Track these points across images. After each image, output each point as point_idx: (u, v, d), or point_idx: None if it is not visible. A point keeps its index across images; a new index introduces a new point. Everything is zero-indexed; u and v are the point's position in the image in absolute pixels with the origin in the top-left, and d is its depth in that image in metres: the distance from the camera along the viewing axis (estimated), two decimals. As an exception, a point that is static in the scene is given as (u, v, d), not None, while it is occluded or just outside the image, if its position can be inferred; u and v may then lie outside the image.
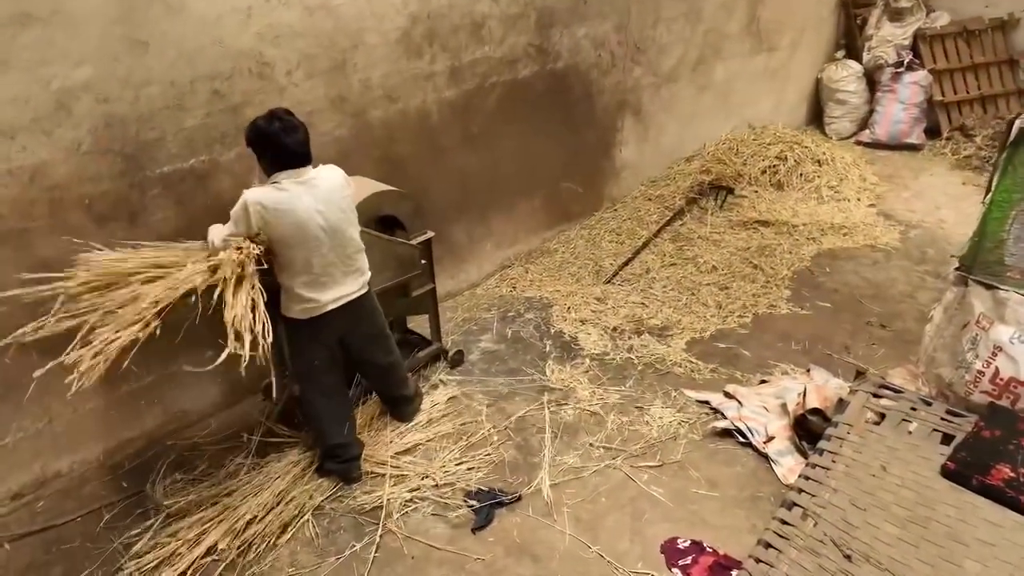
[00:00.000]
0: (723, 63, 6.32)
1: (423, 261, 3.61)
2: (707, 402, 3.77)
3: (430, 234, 3.74)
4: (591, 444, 3.55)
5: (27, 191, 2.92)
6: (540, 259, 5.33)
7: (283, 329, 3.14)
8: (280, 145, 2.77)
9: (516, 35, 4.50)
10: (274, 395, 3.76)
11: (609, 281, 5.00)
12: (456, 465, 3.46)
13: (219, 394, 3.87)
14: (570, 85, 5.03)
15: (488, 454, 3.52)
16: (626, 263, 5.17)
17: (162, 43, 3.08)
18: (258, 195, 2.76)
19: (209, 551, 2.98)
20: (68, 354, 2.69)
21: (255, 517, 3.10)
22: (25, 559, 3.08)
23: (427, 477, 3.37)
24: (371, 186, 3.52)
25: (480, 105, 4.49)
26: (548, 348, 4.33)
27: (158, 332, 2.77)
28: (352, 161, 3.93)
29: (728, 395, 3.78)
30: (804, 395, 3.32)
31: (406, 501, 3.26)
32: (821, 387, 3.37)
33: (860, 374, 3.27)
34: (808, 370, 3.94)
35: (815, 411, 3.25)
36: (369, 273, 3.14)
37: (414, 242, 3.60)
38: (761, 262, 5.12)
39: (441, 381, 4.03)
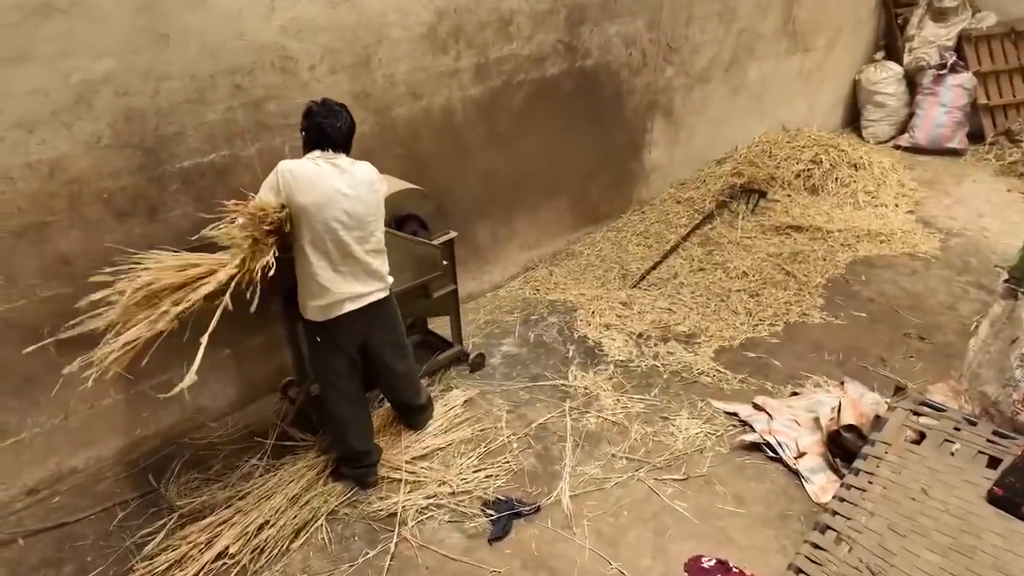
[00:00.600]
0: (757, 63, 6.15)
1: (444, 262, 3.51)
2: (735, 414, 3.63)
3: (452, 234, 3.65)
4: (613, 455, 3.43)
5: (46, 185, 2.89)
6: (565, 261, 5.22)
7: (302, 332, 3.07)
8: (317, 124, 2.80)
9: (545, 32, 4.39)
10: (291, 395, 3.73)
11: (635, 285, 4.87)
12: (474, 472, 3.37)
13: (236, 392, 3.82)
14: (600, 84, 4.91)
15: (507, 462, 3.43)
16: (653, 267, 5.04)
17: (183, 36, 3.03)
18: (289, 164, 2.76)
19: (220, 555, 2.93)
20: (97, 349, 2.66)
21: (267, 522, 3.04)
22: (37, 556, 3.05)
23: (444, 484, 3.29)
24: (393, 184, 3.44)
25: (506, 103, 4.39)
26: (571, 353, 4.22)
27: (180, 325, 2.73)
28: (374, 159, 3.82)
29: (757, 407, 3.64)
30: (839, 410, 3.17)
31: (422, 508, 3.17)
32: (856, 402, 3.22)
33: (899, 389, 3.11)
34: (842, 383, 3.78)
35: (850, 427, 3.10)
36: (391, 278, 3.05)
37: (436, 243, 3.52)
38: (793, 269, 4.95)
39: (455, 386, 3.94)
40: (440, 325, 4.21)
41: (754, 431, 3.46)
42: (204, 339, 2.62)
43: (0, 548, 3.08)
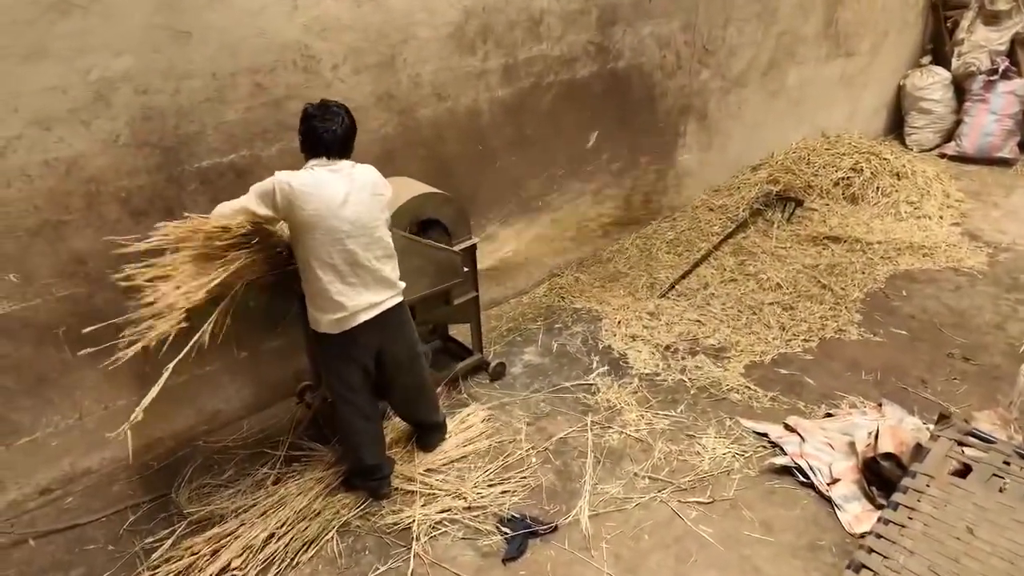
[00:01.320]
0: (797, 67, 5.94)
1: (466, 268, 3.41)
2: (765, 434, 3.47)
3: (475, 240, 3.55)
4: (636, 473, 3.30)
5: (63, 183, 2.85)
6: (592, 268, 5.08)
7: (315, 345, 2.98)
8: (311, 129, 2.69)
9: (576, 32, 4.26)
10: (308, 400, 3.66)
11: (664, 295, 4.72)
12: (490, 487, 3.26)
13: (252, 395, 3.77)
14: (631, 87, 4.77)
15: (525, 477, 3.31)
16: (682, 276, 4.88)
17: (204, 34, 2.97)
18: (287, 175, 2.65)
19: (223, 570, 2.86)
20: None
21: (273, 535, 2.96)
22: (47, 558, 3.02)
23: (459, 497, 3.18)
24: (414, 188, 3.35)
25: (534, 105, 4.28)
26: (595, 365, 4.08)
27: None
28: (398, 161, 3.79)
29: (789, 428, 3.47)
30: (876, 436, 2.99)
31: (435, 523, 3.07)
32: (896, 428, 3.03)
33: (944, 417, 2.92)
34: (880, 404, 3.59)
35: (888, 456, 2.92)
36: (402, 284, 2.95)
37: (456, 248, 3.42)
38: (830, 281, 4.75)
39: (475, 395, 3.84)
40: (461, 332, 4.11)
41: (784, 454, 3.29)
42: (168, 369, 2.69)
43: (11, 548, 3.06)
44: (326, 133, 2.66)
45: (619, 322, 4.46)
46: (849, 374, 3.92)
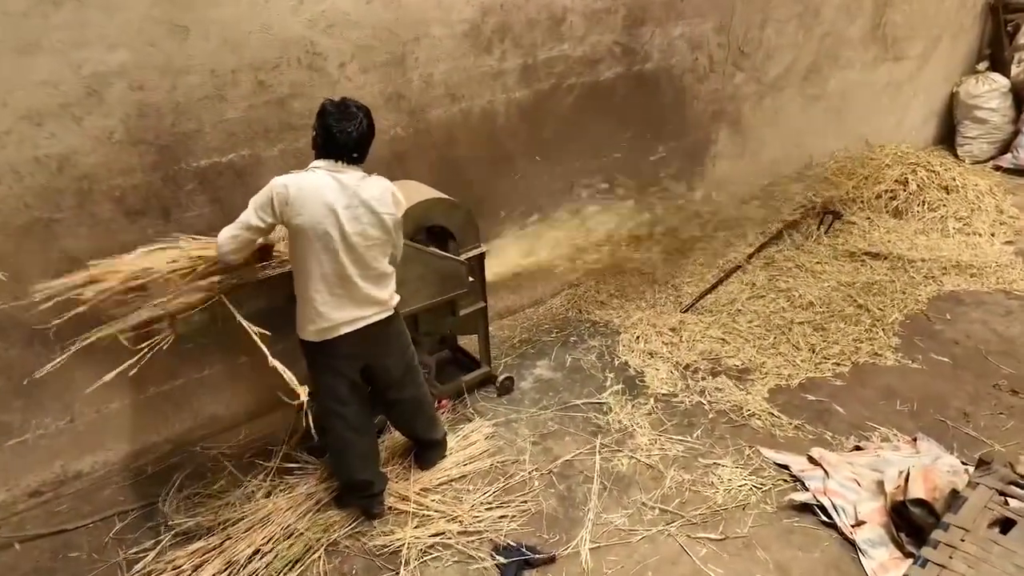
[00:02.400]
0: (840, 72, 5.63)
1: (471, 279, 3.24)
2: (787, 467, 3.23)
3: (483, 249, 3.38)
4: (644, 503, 3.09)
5: (54, 180, 2.77)
6: (613, 279, 4.87)
7: (302, 352, 2.85)
8: (326, 127, 2.54)
9: (600, 32, 4.06)
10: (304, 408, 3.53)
11: (687, 310, 4.49)
12: (488, 510, 3.09)
13: (253, 401, 3.66)
14: (659, 90, 4.54)
15: (525, 501, 3.13)
16: (708, 291, 4.64)
17: (204, 29, 2.86)
18: (284, 178, 2.53)
19: (205, 584, 2.75)
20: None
21: (258, 551, 2.84)
22: (31, 563, 2.95)
23: (454, 520, 3.02)
24: (420, 192, 3.21)
25: (554, 108, 4.08)
26: (609, 382, 3.88)
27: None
28: (407, 163, 3.64)
29: (813, 461, 3.22)
30: (907, 479, 2.73)
31: (427, 547, 2.92)
32: (929, 470, 2.76)
33: (984, 463, 2.65)
34: (915, 439, 3.32)
35: (919, 501, 2.66)
36: (395, 299, 2.80)
37: (464, 257, 3.25)
38: (868, 301, 4.46)
39: (480, 410, 3.67)
40: (471, 342, 3.94)
41: (806, 490, 3.05)
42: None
43: (-3, 551, 3.00)
44: (340, 134, 2.51)
45: (638, 337, 4.24)
46: (883, 403, 3.65)
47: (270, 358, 2.66)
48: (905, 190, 5.65)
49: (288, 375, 2.64)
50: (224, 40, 2.92)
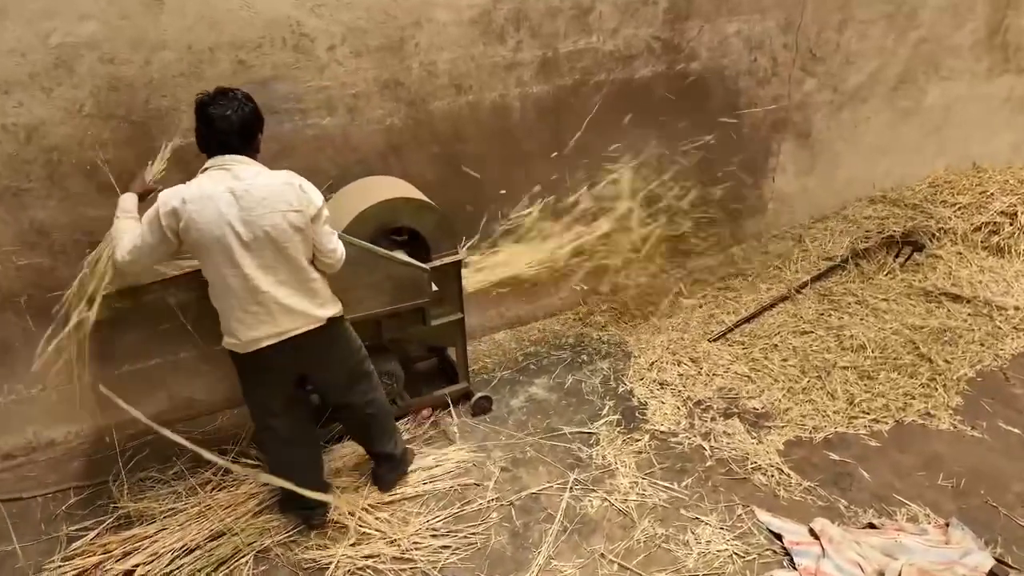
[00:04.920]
0: (941, 83, 4.91)
1: (436, 287, 2.97)
2: (780, 536, 2.76)
3: (461, 256, 3.12)
4: (603, 554, 2.73)
5: (23, 150, 2.76)
6: (642, 296, 4.45)
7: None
8: (205, 116, 2.29)
9: (636, 26, 3.68)
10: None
11: (716, 339, 4.02)
12: (433, 536, 2.83)
13: (231, 388, 3.56)
14: (708, 93, 4.09)
15: (475, 533, 2.85)
16: (746, 320, 4.14)
17: (180, 2, 2.77)
18: (172, 192, 2.26)
19: (128, 573, 2.66)
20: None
21: (185, 546, 2.73)
22: (-18, 525, 2.99)
23: (393, 544, 2.79)
24: (390, 190, 2.99)
25: (579, 106, 3.75)
26: (606, 411, 3.52)
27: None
28: (405, 156, 3.44)
29: (814, 534, 2.74)
30: (906, 577, 2.23)
31: (357, 568, 2.70)
32: (926, 573, 2.24)
33: (1003, 564, 2.11)
34: (947, 524, 2.75)
35: (916, 608, 2.16)
36: (327, 310, 2.51)
37: (428, 264, 2.99)
38: (933, 350, 3.82)
39: (456, 427, 3.42)
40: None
41: (794, 567, 2.59)
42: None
43: (-46, 510, 3.06)
44: (220, 120, 2.26)
45: (653, 364, 3.84)
46: (922, 474, 3.08)
47: (101, 386, 2.51)
48: (1012, 224, 4.85)
49: (121, 403, 2.35)
50: (201, 16, 2.82)
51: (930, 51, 4.72)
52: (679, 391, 3.62)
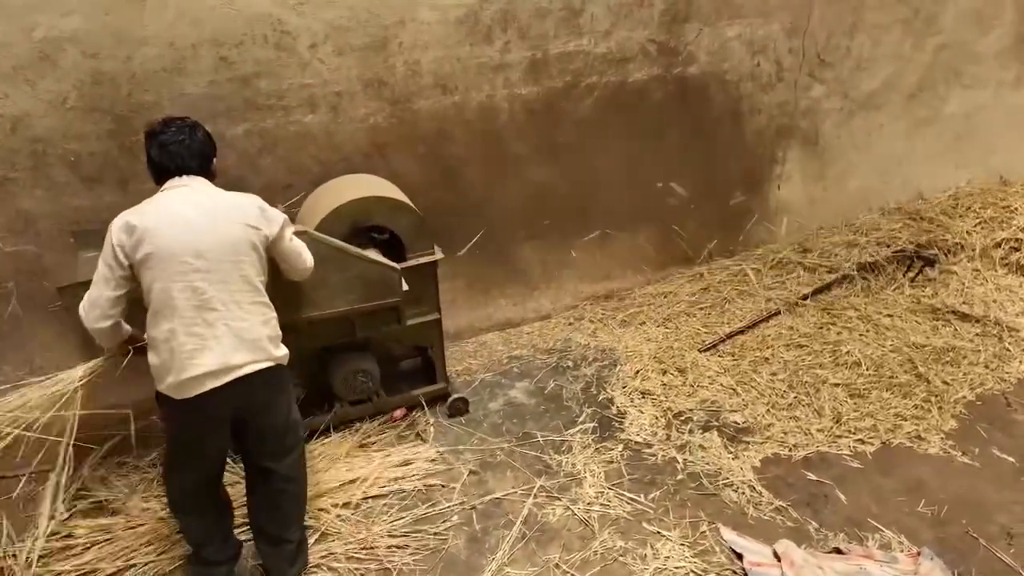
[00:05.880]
0: (963, 92, 4.71)
1: (406, 287, 2.96)
2: (742, 556, 2.68)
3: (437, 256, 3.11)
4: (558, 564, 2.69)
5: (8, 140, 2.85)
6: (635, 304, 4.38)
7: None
8: (159, 143, 2.24)
9: (630, 28, 3.62)
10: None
11: (706, 350, 3.93)
12: (391, 536, 2.83)
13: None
14: (707, 98, 4.00)
15: (435, 535, 2.84)
16: (738, 331, 4.04)
17: (162, -1, 2.83)
18: (123, 216, 2.17)
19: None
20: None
21: (148, 541, 2.78)
22: (-35, 502, 3.10)
23: (351, 543, 2.79)
24: (366, 188, 2.99)
25: (569, 109, 3.71)
26: (583, 418, 3.47)
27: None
28: (390, 155, 3.45)
29: (777, 556, 2.65)
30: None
31: (312, 565, 2.71)
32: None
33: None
34: (918, 553, 2.64)
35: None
36: (282, 350, 2.35)
37: (410, 264, 2.99)
38: (932, 370, 3.66)
39: (431, 427, 3.41)
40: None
41: (749, 590, 2.51)
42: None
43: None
44: (174, 145, 2.22)
45: (638, 372, 3.77)
46: (902, 499, 2.95)
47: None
48: (1036, 241, 4.64)
49: None
50: (183, 12, 2.87)
51: (951, 58, 4.54)
52: (661, 401, 3.55)
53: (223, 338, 2.18)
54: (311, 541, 2.78)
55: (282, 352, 2.35)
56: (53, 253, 3.07)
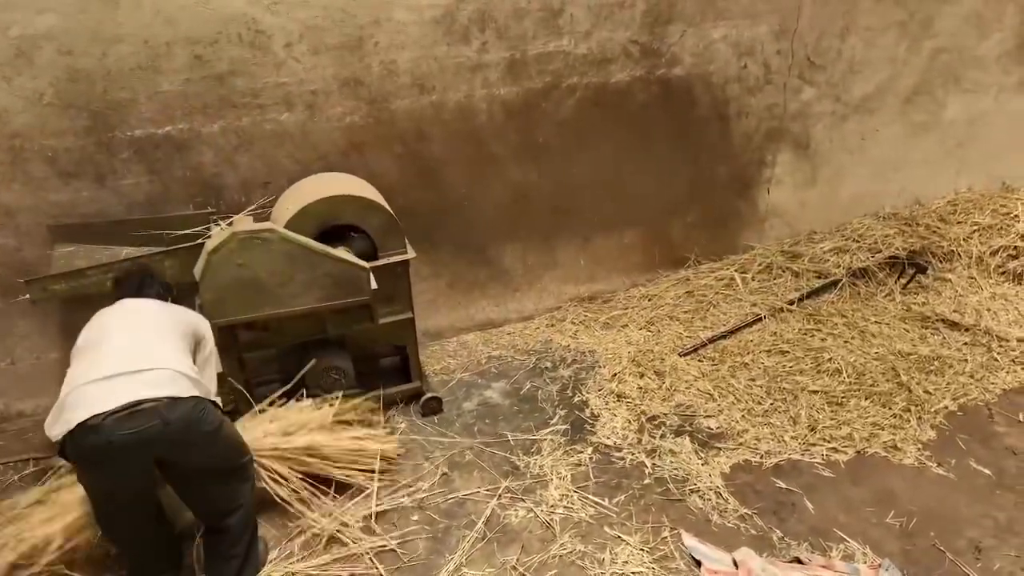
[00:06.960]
0: (963, 96, 4.62)
1: (375, 287, 2.97)
2: (700, 563, 2.65)
3: (409, 255, 3.12)
4: (514, 567, 2.68)
5: (-14, 135, 2.91)
6: (618, 306, 4.36)
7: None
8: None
9: (611, 29, 3.60)
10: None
11: (685, 354, 3.89)
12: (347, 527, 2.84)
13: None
14: (692, 100, 3.96)
15: (393, 533, 2.85)
16: (719, 336, 4.00)
17: (136, -3, 2.86)
18: None
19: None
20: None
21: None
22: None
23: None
24: (337, 187, 3.01)
25: (550, 110, 3.69)
26: (555, 420, 3.46)
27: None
28: (367, 154, 3.47)
29: (736, 564, 2.62)
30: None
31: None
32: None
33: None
34: (879, 565, 2.59)
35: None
36: (211, 389, 2.41)
37: (381, 262, 3.00)
38: (914, 379, 3.60)
39: (405, 425, 3.42)
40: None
41: (703, 597, 2.49)
42: None
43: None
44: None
45: (615, 375, 3.75)
46: (871, 510, 2.90)
47: None
48: (1035, 249, 4.53)
49: None
50: (158, 11, 2.91)
51: (950, 62, 4.45)
52: (635, 405, 3.52)
53: (120, 377, 2.15)
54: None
55: (206, 391, 2.30)
56: (32, 247, 3.13)
